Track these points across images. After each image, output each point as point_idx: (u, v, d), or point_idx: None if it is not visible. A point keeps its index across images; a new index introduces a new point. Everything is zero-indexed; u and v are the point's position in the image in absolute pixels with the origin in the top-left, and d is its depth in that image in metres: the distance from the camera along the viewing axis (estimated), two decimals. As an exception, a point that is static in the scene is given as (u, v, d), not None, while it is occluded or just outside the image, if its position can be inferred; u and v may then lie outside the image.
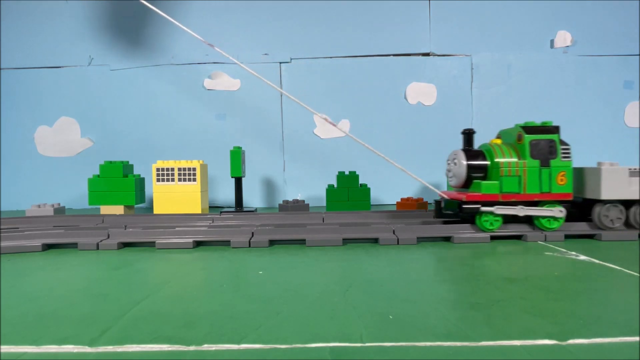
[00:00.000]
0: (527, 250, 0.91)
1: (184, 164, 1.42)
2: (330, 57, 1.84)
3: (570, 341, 0.44)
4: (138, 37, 1.85)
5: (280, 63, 1.84)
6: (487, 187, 1.01)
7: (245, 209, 1.47)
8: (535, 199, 1.00)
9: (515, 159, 1.01)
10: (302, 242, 1.01)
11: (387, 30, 1.84)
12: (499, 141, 1.07)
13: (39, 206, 1.39)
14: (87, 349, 0.44)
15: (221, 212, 1.33)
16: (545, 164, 1.00)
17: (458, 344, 0.44)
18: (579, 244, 0.96)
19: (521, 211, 1.00)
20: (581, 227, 1.04)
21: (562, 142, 1.02)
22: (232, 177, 1.48)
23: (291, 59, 1.84)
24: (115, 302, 0.59)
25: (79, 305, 0.58)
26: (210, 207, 1.73)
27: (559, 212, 1.00)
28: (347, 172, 1.48)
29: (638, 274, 0.70)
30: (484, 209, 1.00)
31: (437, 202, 1.07)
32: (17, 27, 1.87)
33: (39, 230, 1.06)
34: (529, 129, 1.02)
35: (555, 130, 1.02)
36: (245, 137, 1.82)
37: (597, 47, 1.84)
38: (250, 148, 1.76)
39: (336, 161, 1.77)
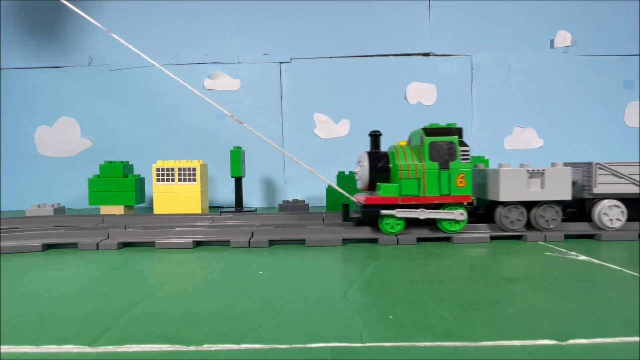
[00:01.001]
0: (527, 250, 0.91)
1: (184, 164, 1.42)
2: (330, 57, 1.84)
3: (570, 341, 0.44)
4: (138, 37, 1.85)
5: (280, 63, 1.84)
6: (387, 189, 0.99)
7: (245, 209, 1.47)
8: (435, 202, 0.99)
9: (414, 162, 0.99)
10: (302, 242, 1.01)
11: (387, 30, 1.84)
12: (404, 143, 1.05)
13: (39, 206, 1.39)
14: (87, 349, 0.44)
15: (221, 212, 1.33)
16: (444, 166, 0.99)
17: (458, 344, 0.44)
18: (579, 244, 0.96)
19: (422, 214, 0.99)
20: (580, 227, 1.04)
21: (462, 144, 1.00)
22: (232, 177, 1.48)
23: (291, 59, 1.84)
24: (115, 302, 0.59)
25: (79, 305, 0.58)
26: (210, 207, 1.73)
27: (460, 214, 0.99)
28: (347, 172, 1.48)
29: (638, 274, 0.70)
30: (384, 212, 0.99)
31: (345, 205, 1.03)
32: (17, 27, 1.86)
33: (39, 230, 1.06)
34: (429, 131, 1.01)
35: (455, 132, 1.00)
36: (245, 137, 1.82)
37: (597, 47, 1.84)
38: (250, 148, 1.76)
39: (336, 161, 1.77)
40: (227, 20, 1.84)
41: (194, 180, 1.42)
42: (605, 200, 1.02)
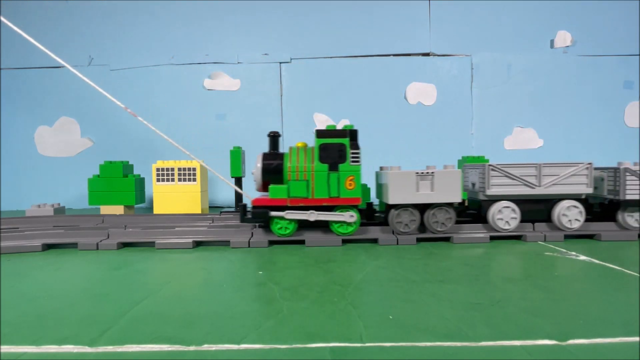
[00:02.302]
0: (527, 250, 0.91)
1: (184, 164, 1.42)
2: (330, 57, 1.84)
3: (570, 341, 0.44)
4: (138, 37, 1.85)
5: (280, 63, 1.84)
6: (275, 191, 0.98)
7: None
8: (324, 204, 0.98)
9: (304, 163, 0.98)
10: (301, 242, 1.01)
11: (387, 30, 1.84)
12: (302, 144, 1.04)
13: (39, 206, 1.39)
14: (87, 349, 0.44)
15: (221, 212, 1.33)
16: (333, 168, 0.98)
17: (458, 344, 0.44)
18: (579, 244, 0.96)
19: (312, 216, 0.98)
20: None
21: (354, 146, 0.99)
22: (232, 177, 1.48)
23: (291, 59, 1.84)
24: (115, 302, 0.59)
25: (79, 305, 0.58)
26: (210, 207, 1.73)
27: (350, 217, 0.98)
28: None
29: (638, 274, 0.70)
30: (273, 213, 0.98)
31: (243, 207, 1.01)
32: (17, 27, 1.86)
33: (39, 230, 1.06)
34: (321, 132, 0.99)
35: (345, 134, 0.99)
36: (246, 137, 1.82)
37: (597, 47, 1.84)
38: (250, 148, 1.76)
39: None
40: (227, 20, 1.84)
41: (194, 180, 1.42)
42: (499, 202, 1.01)
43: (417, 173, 0.98)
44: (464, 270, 0.75)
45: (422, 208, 1.01)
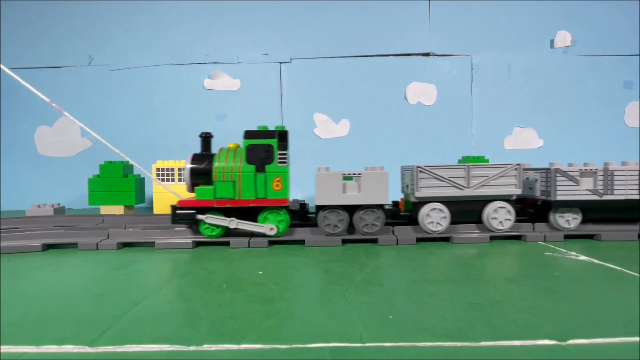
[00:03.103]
0: (527, 250, 0.91)
1: (184, 164, 1.42)
2: (330, 57, 1.84)
3: (570, 341, 0.44)
4: (138, 37, 1.85)
5: (280, 63, 1.84)
6: (201, 192, 0.97)
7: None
8: (251, 205, 0.97)
9: (230, 164, 0.97)
10: (301, 242, 1.01)
11: (387, 30, 1.84)
12: (234, 145, 1.03)
13: (39, 206, 1.38)
14: (87, 349, 0.44)
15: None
16: (260, 169, 0.97)
17: (458, 344, 0.44)
18: (579, 244, 0.96)
19: (232, 223, 0.97)
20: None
21: (282, 147, 0.99)
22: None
23: (291, 59, 1.84)
24: (115, 302, 0.59)
25: (79, 305, 0.58)
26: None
27: (270, 229, 0.97)
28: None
29: (638, 274, 0.70)
30: (199, 217, 0.97)
31: (172, 207, 0.99)
32: (17, 27, 1.86)
33: (39, 230, 1.06)
34: (249, 133, 0.99)
35: (273, 135, 0.99)
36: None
37: (597, 47, 1.84)
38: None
39: (336, 161, 1.77)
40: (227, 20, 1.84)
41: (194, 180, 1.42)
42: (429, 204, 1.01)
43: (344, 174, 0.98)
44: (463, 270, 0.75)
45: (352, 209, 1.00)
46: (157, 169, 1.42)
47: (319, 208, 1.01)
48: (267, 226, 0.98)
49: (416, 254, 0.89)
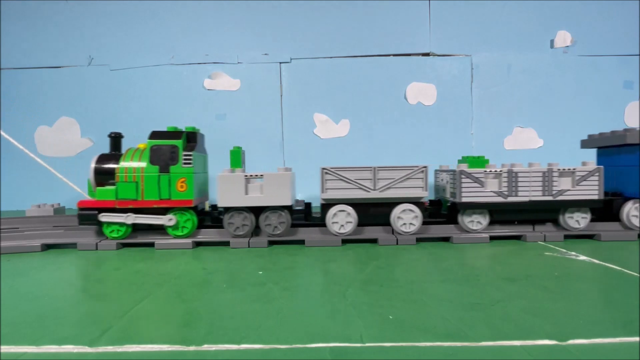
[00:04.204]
0: (527, 250, 0.91)
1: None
2: (330, 57, 1.84)
3: (570, 341, 0.44)
4: (138, 37, 1.85)
5: (280, 63, 1.84)
6: (102, 193, 0.97)
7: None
8: (154, 206, 0.97)
9: (134, 164, 0.97)
10: (301, 242, 1.01)
11: (387, 30, 1.84)
12: (143, 146, 1.02)
13: (39, 206, 1.38)
14: (87, 349, 0.44)
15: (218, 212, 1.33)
16: (164, 170, 0.97)
17: (458, 344, 0.44)
18: (579, 244, 0.96)
19: (129, 219, 0.97)
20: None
21: (188, 148, 0.99)
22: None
23: (291, 59, 1.84)
24: (115, 302, 0.59)
25: (79, 305, 0.58)
26: (210, 206, 1.73)
27: (168, 220, 0.97)
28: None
29: (638, 274, 0.70)
30: (102, 216, 0.97)
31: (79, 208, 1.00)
32: (17, 27, 1.86)
33: (38, 230, 1.06)
34: (155, 134, 0.99)
35: (179, 136, 0.98)
36: (246, 137, 1.82)
37: (597, 47, 1.84)
38: (251, 148, 1.76)
39: (336, 161, 1.77)
40: (227, 20, 1.84)
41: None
42: (336, 206, 1.00)
43: (246, 176, 0.98)
44: (463, 270, 0.75)
45: (258, 211, 1.00)
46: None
47: (225, 210, 1.00)
48: (166, 217, 0.98)
49: (416, 254, 0.89)
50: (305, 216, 1.12)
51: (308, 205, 1.12)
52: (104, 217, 0.97)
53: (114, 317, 0.53)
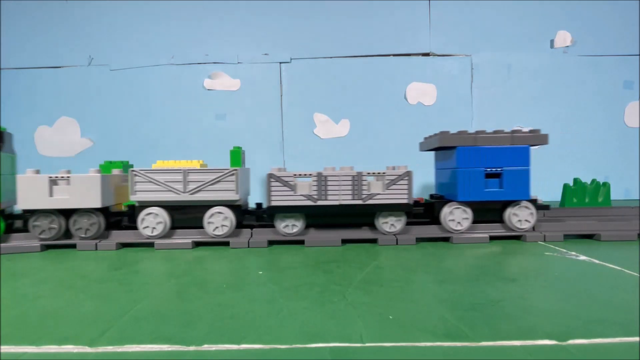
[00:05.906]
0: (527, 250, 0.91)
1: (184, 164, 1.42)
2: (330, 57, 1.84)
3: (570, 341, 0.44)
4: (139, 36, 1.85)
5: (280, 63, 1.84)
6: None
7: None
8: None
9: None
10: (301, 242, 1.01)
11: (387, 30, 1.84)
12: None
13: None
14: (87, 349, 0.44)
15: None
16: None
17: (458, 344, 0.44)
18: (579, 244, 0.96)
19: None
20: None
21: None
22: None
23: (291, 59, 1.84)
24: (115, 302, 0.59)
25: (79, 305, 0.58)
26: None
27: None
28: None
29: (638, 274, 0.70)
30: None
31: None
32: (17, 27, 1.86)
33: (38, 230, 1.06)
34: None
35: None
36: (245, 137, 1.82)
37: (597, 47, 1.84)
38: (250, 148, 1.76)
39: (336, 161, 1.77)
40: (227, 20, 1.84)
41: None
42: (147, 208, 0.99)
43: (50, 177, 0.95)
44: (463, 270, 0.75)
45: (69, 214, 0.98)
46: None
47: (26, 212, 0.97)
48: None
49: (415, 254, 0.89)
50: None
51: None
52: None
53: (114, 317, 0.53)
